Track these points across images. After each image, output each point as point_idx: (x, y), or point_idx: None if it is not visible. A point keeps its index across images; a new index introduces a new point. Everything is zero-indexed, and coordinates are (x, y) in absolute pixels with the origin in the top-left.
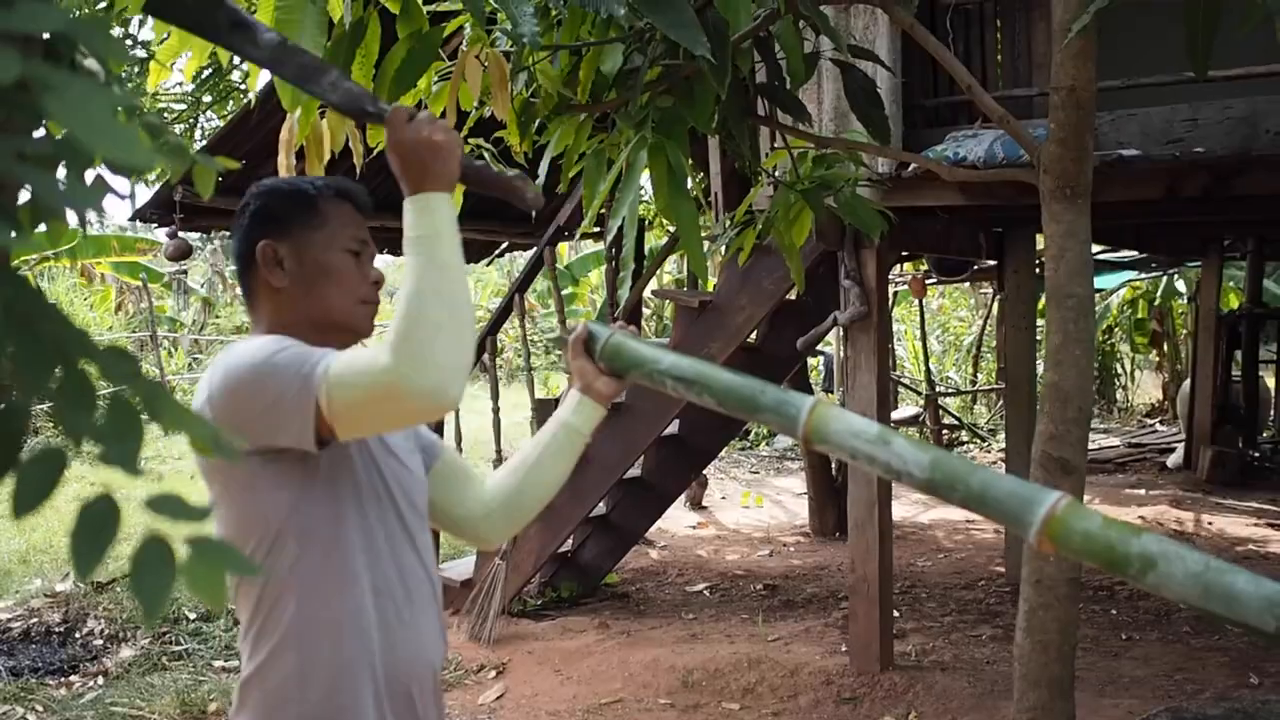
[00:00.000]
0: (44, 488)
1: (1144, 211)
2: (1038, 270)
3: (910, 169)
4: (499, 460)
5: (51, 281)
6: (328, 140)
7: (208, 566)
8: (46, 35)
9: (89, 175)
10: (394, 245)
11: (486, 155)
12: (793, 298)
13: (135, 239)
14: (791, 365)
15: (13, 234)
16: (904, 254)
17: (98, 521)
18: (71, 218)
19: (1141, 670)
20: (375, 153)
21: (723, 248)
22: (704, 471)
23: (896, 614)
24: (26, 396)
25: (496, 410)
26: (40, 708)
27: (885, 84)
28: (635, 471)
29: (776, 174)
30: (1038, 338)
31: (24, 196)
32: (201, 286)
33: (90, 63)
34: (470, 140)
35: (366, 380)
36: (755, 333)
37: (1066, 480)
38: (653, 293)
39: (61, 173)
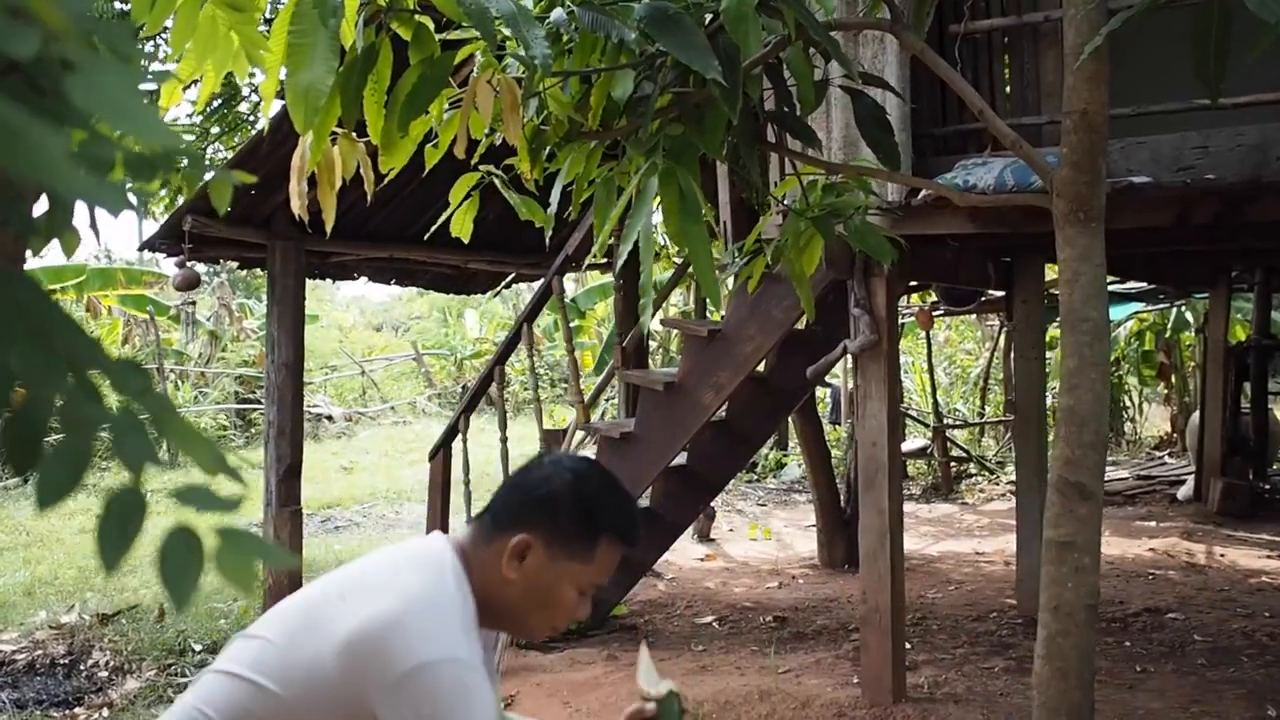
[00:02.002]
0: (130, 530)
1: (1155, 239)
2: (1046, 301)
3: (920, 196)
4: None
5: None
6: (339, 167)
7: (238, 555)
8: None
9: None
10: (401, 275)
11: (498, 182)
12: (801, 328)
13: (142, 272)
14: (799, 396)
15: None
16: (913, 283)
17: (182, 554)
18: (86, 236)
19: (1157, 703)
20: (386, 180)
21: (732, 277)
22: (712, 504)
23: (908, 646)
24: (37, 403)
25: (505, 440)
26: None
27: (895, 112)
28: (643, 502)
29: (786, 202)
30: (1047, 369)
31: (39, 209)
32: (209, 320)
33: None
34: (481, 167)
35: None
36: (764, 363)
37: (1084, 505)
38: (661, 322)
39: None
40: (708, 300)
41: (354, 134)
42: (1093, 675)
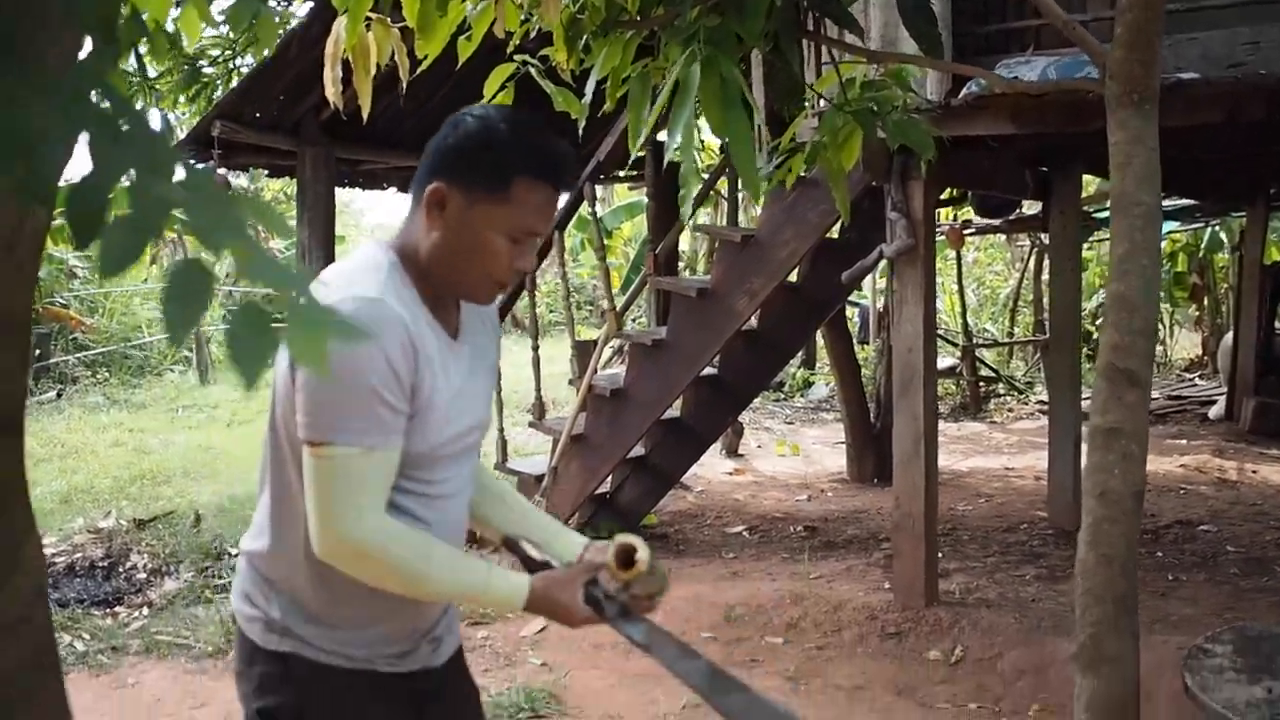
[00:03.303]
0: (196, 303)
1: (1202, 142)
2: (1082, 221)
3: (961, 95)
4: (539, 403)
5: None
6: (374, 52)
7: (310, 329)
8: None
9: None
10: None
11: (534, 72)
12: (835, 236)
13: None
14: (832, 306)
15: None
16: (947, 195)
17: (251, 330)
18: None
19: (1190, 609)
20: (421, 69)
21: (765, 183)
22: (739, 420)
23: (939, 555)
24: (100, 176)
25: (536, 349)
26: (87, 635)
27: (937, 7)
28: (674, 412)
29: (823, 102)
30: (1082, 284)
31: None
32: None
33: None
34: (515, 58)
35: (326, 505)
36: (797, 272)
37: (1132, 392)
38: (694, 228)
39: None
40: (747, 195)
41: (388, 19)
42: (1136, 565)
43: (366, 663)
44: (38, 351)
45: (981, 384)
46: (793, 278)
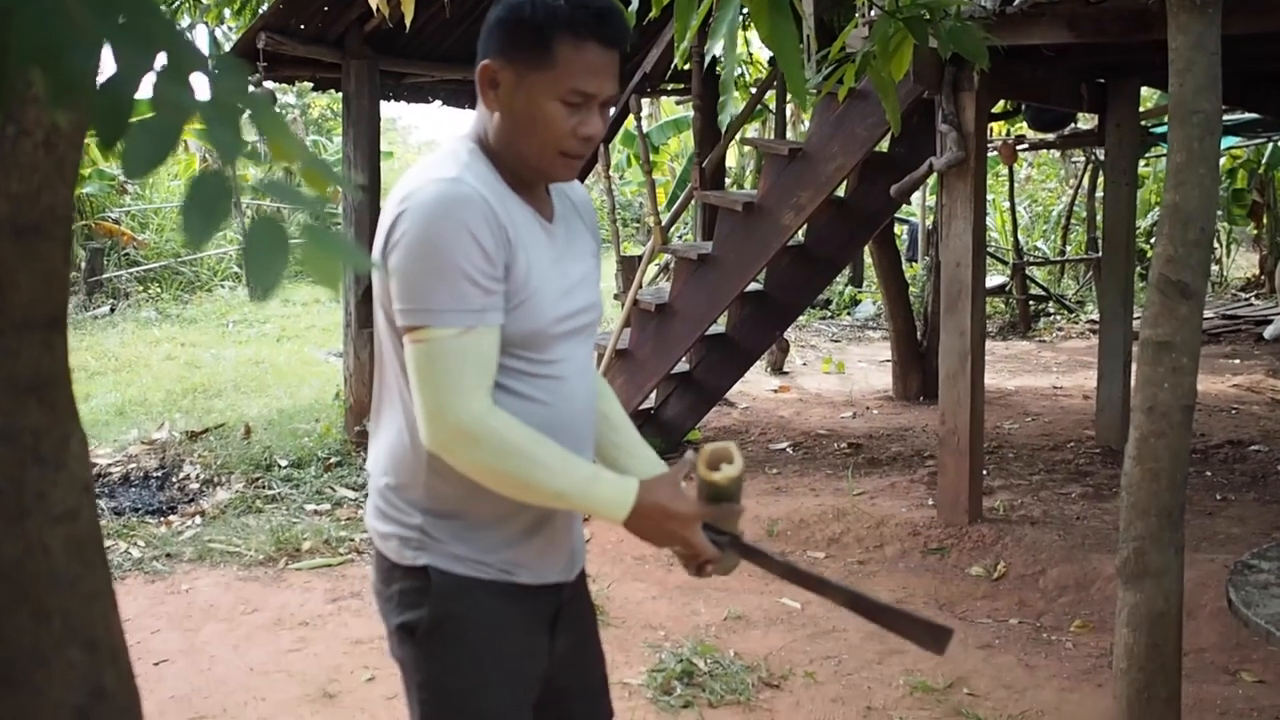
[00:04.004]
0: (215, 212)
1: (1264, 52)
2: (1140, 135)
3: (1017, 1)
4: None
5: None
6: None
7: (324, 251)
8: None
9: None
10: (477, 99)
11: None
12: (884, 150)
13: None
14: (879, 220)
15: None
16: (1003, 102)
17: (267, 242)
18: None
19: (1238, 529)
20: None
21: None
22: (785, 337)
23: (984, 472)
24: (124, 76)
25: None
26: (142, 543)
27: None
28: (719, 328)
29: (873, 10)
30: (1136, 201)
31: None
32: None
33: None
34: None
35: (429, 390)
36: (845, 186)
37: (1184, 304)
38: (741, 140)
39: None
40: (796, 109)
41: None
42: (1185, 479)
43: (505, 573)
44: (90, 266)
45: (1031, 303)
46: (840, 192)
